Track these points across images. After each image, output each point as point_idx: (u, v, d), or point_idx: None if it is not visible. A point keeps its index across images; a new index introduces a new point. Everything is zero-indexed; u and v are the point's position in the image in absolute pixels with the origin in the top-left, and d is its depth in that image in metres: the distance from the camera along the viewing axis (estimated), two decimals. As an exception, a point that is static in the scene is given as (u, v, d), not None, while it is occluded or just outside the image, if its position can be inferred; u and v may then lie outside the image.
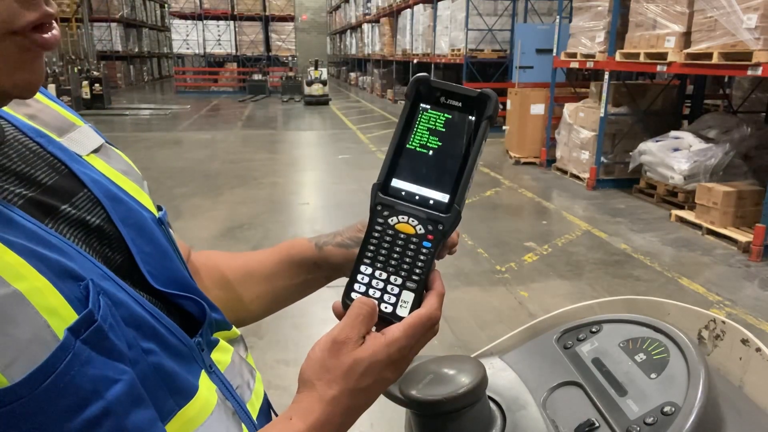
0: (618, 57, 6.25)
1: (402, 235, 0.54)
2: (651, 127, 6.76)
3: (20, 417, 0.38)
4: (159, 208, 0.62)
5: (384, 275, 0.54)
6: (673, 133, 6.30)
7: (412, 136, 0.55)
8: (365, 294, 0.54)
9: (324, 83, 16.98)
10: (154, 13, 28.57)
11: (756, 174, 5.72)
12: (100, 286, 0.45)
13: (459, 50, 11.36)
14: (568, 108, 7.47)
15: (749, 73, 4.63)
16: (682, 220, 5.55)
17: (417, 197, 0.54)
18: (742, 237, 4.83)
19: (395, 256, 0.54)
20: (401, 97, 16.98)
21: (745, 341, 0.67)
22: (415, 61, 14.76)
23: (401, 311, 0.54)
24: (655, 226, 5.54)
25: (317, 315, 3.63)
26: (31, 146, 0.52)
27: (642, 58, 5.83)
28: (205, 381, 0.54)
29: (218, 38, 21.08)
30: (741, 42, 4.64)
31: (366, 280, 0.54)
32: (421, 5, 13.96)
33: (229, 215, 5.74)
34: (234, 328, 0.67)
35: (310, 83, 16.88)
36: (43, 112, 0.57)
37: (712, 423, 0.58)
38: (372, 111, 15.69)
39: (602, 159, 6.85)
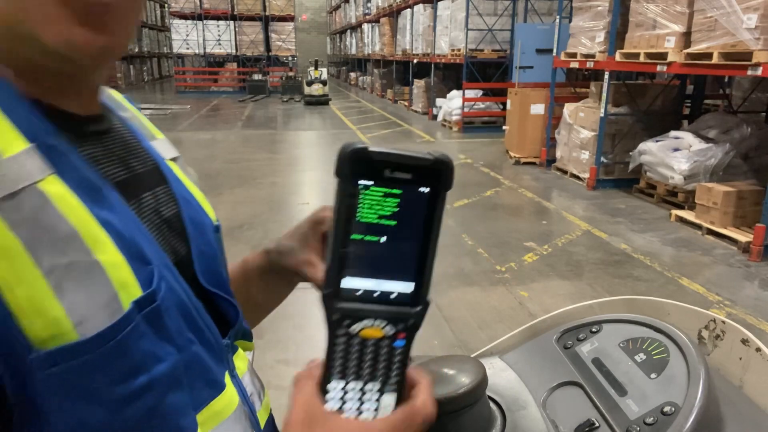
0: (618, 57, 6.25)
1: (370, 342, 0.47)
2: (651, 127, 6.76)
3: (80, 373, 0.42)
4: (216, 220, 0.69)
5: (359, 385, 0.48)
6: (673, 133, 6.30)
7: (356, 222, 0.44)
8: (342, 410, 0.48)
9: (324, 83, 16.97)
10: (154, 13, 28.55)
11: (756, 174, 5.72)
12: (162, 273, 0.49)
13: (459, 50, 11.36)
14: (568, 108, 7.47)
15: (749, 73, 4.63)
16: (682, 220, 5.55)
17: (377, 294, 0.46)
18: (742, 237, 4.83)
19: (367, 364, 0.48)
20: (401, 98, 16.98)
21: (745, 341, 0.67)
22: (415, 60, 14.76)
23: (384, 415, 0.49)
24: (655, 226, 5.54)
25: (317, 316, 3.63)
26: (129, 138, 0.59)
27: (642, 58, 5.83)
28: (228, 381, 0.57)
29: (218, 38, 21.07)
30: (741, 42, 4.64)
31: (339, 395, 0.47)
32: (421, 5, 13.96)
33: (229, 215, 5.74)
34: (252, 341, 0.70)
35: (310, 83, 16.88)
36: (133, 119, 0.64)
37: (712, 423, 0.58)
38: (372, 111, 15.69)
39: (602, 159, 6.85)
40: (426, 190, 0.44)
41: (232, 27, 21.09)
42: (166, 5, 26.56)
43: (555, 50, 7.63)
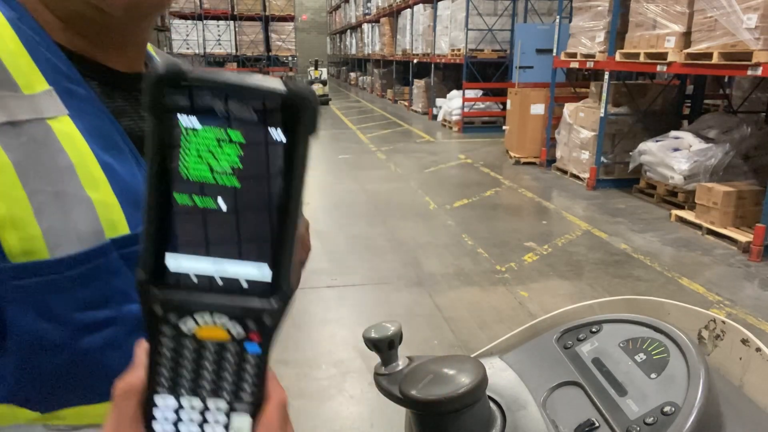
0: (618, 57, 6.25)
1: (210, 345, 0.34)
2: (651, 127, 6.76)
3: (45, 291, 0.46)
4: None
5: (197, 402, 0.35)
6: (673, 133, 6.30)
7: (181, 180, 0.32)
8: None
9: (324, 83, 16.99)
10: (154, 13, 28.57)
11: (756, 174, 5.72)
12: None
13: (459, 50, 11.36)
14: (568, 108, 7.47)
15: (749, 73, 4.63)
16: (682, 220, 5.55)
17: (218, 280, 0.34)
18: (742, 237, 4.83)
19: (206, 375, 0.35)
20: (401, 98, 16.97)
21: (745, 341, 0.67)
22: (415, 60, 14.76)
23: None
24: (655, 226, 5.54)
25: (317, 315, 3.63)
26: None
27: (642, 58, 5.83)
28: None
29: (218, 38, 21.07)
30: (741, 42, 4.64)
31: (171, 416, 0.35)
32: (421, 5, 13.96)
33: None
34: None
35: (310, 83, 16.89)
36: None
37: (712, 423, 0.58)
38: (372, 111, 15.69)
39: (602, 159, 6.85)
40: (280, 135, 0.32)
41: (232, 27, 21.09)
42: (166, 5, 26.54)
43: (555, 50, 7.63)
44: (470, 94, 11.44)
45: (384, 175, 7.75)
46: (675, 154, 5.87)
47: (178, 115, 0.31)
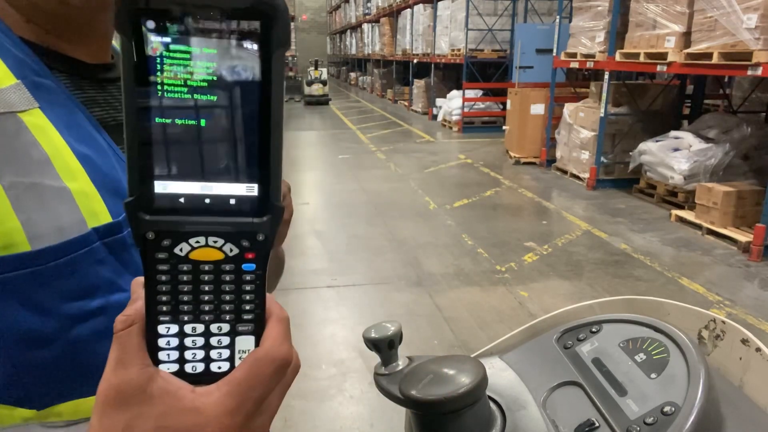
0: (618, 57, 6.25)
1: (206, 266, 0.35)
2: (651, 127, 6.76)
3: (29, 283, 0.45)
4: None
5: (200, 328, 0.35)
6: (673, 133, 6.30)
7: (159, 99, 0.32)
8: (180, 361, 0.36)
9: (324, 83, 16.98)
10: (154, 13, 28.57)
11: (756, 174, 5.72)
12: None
13: (459, 50, 11.36)
14: (568, 108, 7.47)
15: (749, 73, 4.63)
16: (682, 220, 5.55)
17: (208, 200, 0.34)
18: (742, 237, 4.83)
19: (206, 298, 0.35)
20: (401, 98, 16.97)
21: (745, 341, 0.67)
22: (415, 60, 14.76)
23: None
24: (655, 226, 5.54)
25: (317, 314, 3.63)
26: None
27: (642, 58, 5.83)
28: None
29: (218, 38, 21.09)
30: (741, 42, 4.64)
31: (175, 343, 0.35)
32: (421, 5, 13.96)
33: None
34: None
35: (310, 83, 16.88)
36: None
37: (712, 423, 0.58)
38: (372, 111, 15.69)
39: (602, 159, 6.85)
40: (253, 46, 0.32)
41: (232, 27, 21.11)
42: (166, 5, 26.55)
43: (555, 50, 7.63)
44: (470, 94, 11.44)
45: (384, 175, 7.75)
46: (675, 154, 5.88)
47: (150, 34, 0.31)
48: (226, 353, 0.36)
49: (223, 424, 0.33)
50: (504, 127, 9.08)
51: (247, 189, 0.34)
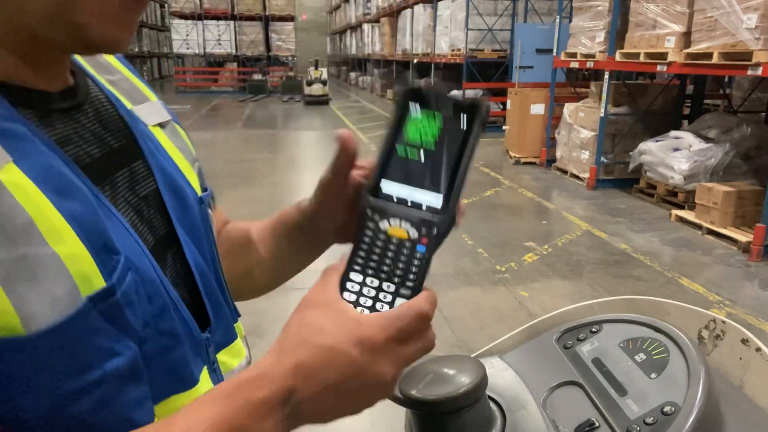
0: (618, 57, 6.25)
1: (394, 240, 0.51)
2: (651, 127, 6.76)
3: (26, 367, 0.40)
4: (204, 189, 0.67)
5: (376, 282, 0.51)
6: (673, 133, 6.30)
7: (403, 138, 0.53)
8: (356, 303, 0.50)
9: (324, 83, 16.97)
10: (154, 12, 28.54)
11: (756, 174, 5.72)
12: (133, 263, 0.47)
13: (459, 50, 11.35)
14: (568, 108, 7.47)
15: (749, 73, 4.63)
16: (682, 220, 5.55)
17: (409, 200, 0.52)
18: (742, 237, 4.83)
19: (387, 262, 0.51)
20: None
21: (745, 341, 0.67)
22: (415, 61, 14.75)
23: None
24: (655, 226, 5.54)
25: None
26: (107, 108, 0.56)
27: (642, 58, 5.83)
28: (205, 377, 0.55)
29: (218, 38, 21.06)
30: (741, 42, 4.64)
31: (356, 288, 0.51)
32: (421, 5, 13.95)
33: (229, 215, 5.74)
34: (238, 321, 0.68)
35: (310, 83, 16.87)
36: (123, 81, 0.62)
37: (712, 423, 0.58)
38: (372, 111, 15.69)
39: (602, 159, 6.85)
40: (463, 125, 0.52)
41: (232, 27, 21.08)
42: (166, 5, 26.56)
43: (555, 50, 7.63)
44: (470, 93, 11.43)
45: (384, 175, 7.74)
46: (675, 154, 5.87)
47: (410, 103, 0.53)
48: (386, 307, 0.50)
49: (373, 335, 0.46)
50: (504, 127, 9.08)
51: (436, 200, 0.51)
